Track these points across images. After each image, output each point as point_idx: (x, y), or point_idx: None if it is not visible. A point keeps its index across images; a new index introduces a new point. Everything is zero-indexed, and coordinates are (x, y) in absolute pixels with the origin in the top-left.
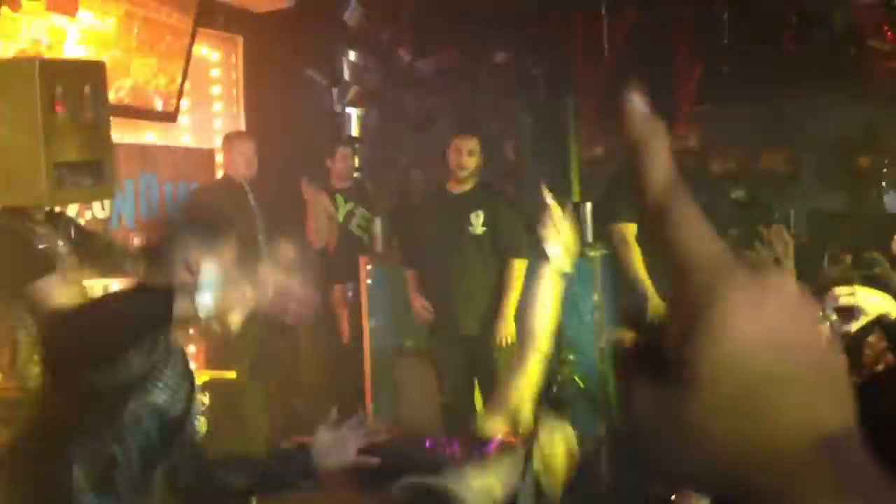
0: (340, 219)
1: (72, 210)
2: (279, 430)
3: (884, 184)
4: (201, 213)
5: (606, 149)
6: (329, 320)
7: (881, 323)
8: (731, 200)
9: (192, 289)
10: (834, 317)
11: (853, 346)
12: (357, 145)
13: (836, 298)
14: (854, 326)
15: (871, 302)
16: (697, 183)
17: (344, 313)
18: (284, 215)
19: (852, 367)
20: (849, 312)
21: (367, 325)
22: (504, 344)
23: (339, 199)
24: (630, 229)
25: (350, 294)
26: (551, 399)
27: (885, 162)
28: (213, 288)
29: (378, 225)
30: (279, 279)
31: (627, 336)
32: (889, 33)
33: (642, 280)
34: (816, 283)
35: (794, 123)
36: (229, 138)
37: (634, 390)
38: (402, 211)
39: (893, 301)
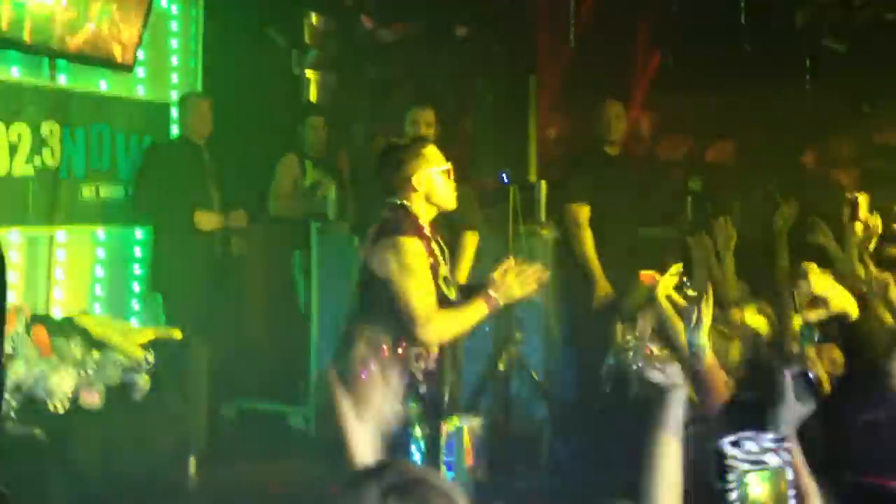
0: (307, 187)
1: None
2: (220, 393)
3: None
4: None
5: (564, 128)
6: (286, 286)
7: (840, 321)
8: (687, 190)
9: None
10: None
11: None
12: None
13: (805, 279)
14: (814, 316)
15: (835, 295)
16: (649, 170)
17: (303, 280)
18: (238, 176)
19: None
20: (814, 301)
21: (315, 291)
22: None
23: (309, 165)
24: (583, 211)
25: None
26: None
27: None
28: None
29: (332, 191)
30: None
31: None
32: (846, 34)
33: (591, 262)
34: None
35: (744, 117)
36: (186, 99)
37: None
38: (357, 178)
39: (851, 300)
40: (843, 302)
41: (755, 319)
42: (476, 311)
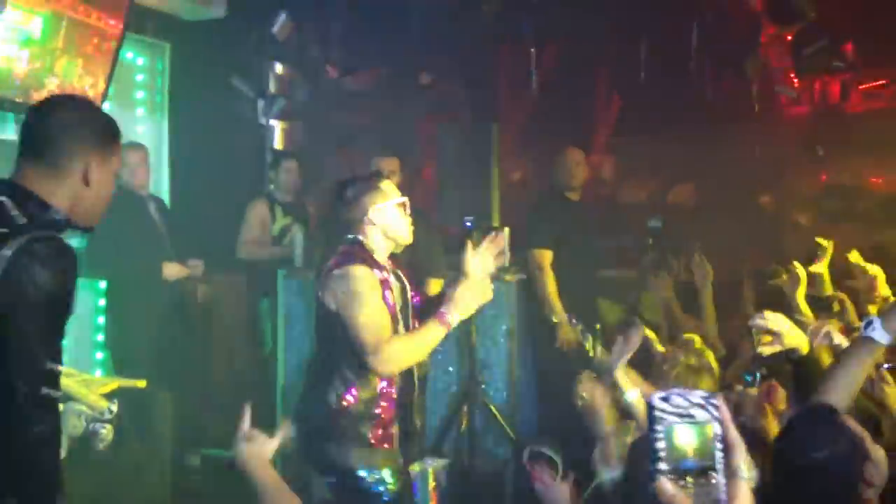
0: (276, 232)
1: None
2: (186, 442)
3: None
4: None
5: (527, 174)
6: (252, 334)
7: (789, 356)
8: (647, 229)
9: None
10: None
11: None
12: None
13: (763, 319)
14: (767, 350)
15: (788, 331)
16: (611, 213)
17: (270, 327)
18: (206, 225)
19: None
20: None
21: (282, 337)
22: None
23: (279, 211)
24: (546, 256)
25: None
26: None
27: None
28: None
29: (299, 237)
30: None
31: None
32: (796, 80)
33: (555, 307)
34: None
35: (703, 160)
36: (124, 149)
37: None
38: (325, 225)
39: (804, 337)
40: (795, 338)
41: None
42: (431, 333)
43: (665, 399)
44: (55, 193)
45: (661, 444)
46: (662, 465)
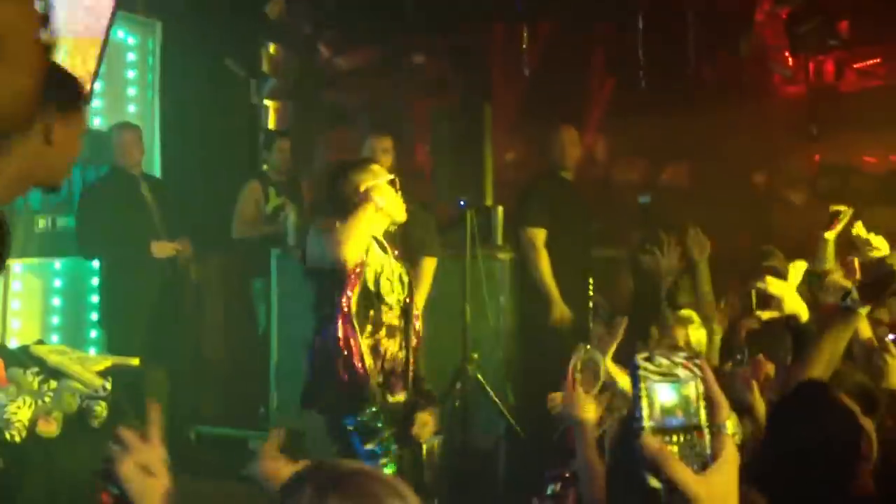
0: (269, 211)
1: None
2: (182, 420)
3: None
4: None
5: (520, 153)
6: (246, 313)
7: (788, 324)
8: (637, 205)
9: None
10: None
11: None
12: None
13: (762, 281)
14: (766, 315)
15: (788, 297)
16: (604, 192)
17: (263, 307)
18: (197, 205)
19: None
20: (767, 300)
21: (275, 316)
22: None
23: (272, 191)
24: (539, 234)
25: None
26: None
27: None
28: None
29: (292, 217)
30: None
31: None
32: (790, 59)
33: (548, 285)
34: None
35: (696, 140)
36: (114, 129)
37: None
38: (317, 206)
39: (804, 306)
40: (794, 304)
41: (697, 333)
42: None
43: (648, 359)
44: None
45: (644, 402)
46: (647, 423)
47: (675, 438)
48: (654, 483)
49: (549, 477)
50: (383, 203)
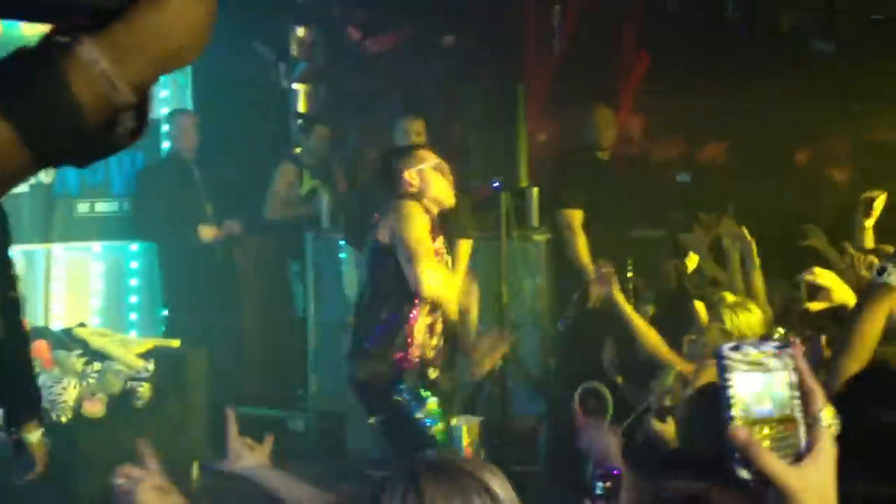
0: (303, 194)
1: None
2: (222, 400)
3: None
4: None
5: (554, 133)
6: (282, 295)
7: (836, 314)
8: (676, 184)
9: None
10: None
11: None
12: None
13: (811, 273)
14: (815, 306)
15: (837, 287)
16: (641, 172)
17: (300, 288)
18: (230, 188)
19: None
20: (815, 291)
21: (311, 298)
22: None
23: (306, 174)
24: (576, 215)
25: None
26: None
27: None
28: None
29: (326, 199)
30: None
31: None
32: (832, 35)
33: (586, 266)
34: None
35: (736, 117)
36: (173, 115)
37: None
38: (352, 189)
39: (853, 295)
40: (843, 294)
41: (750, 318)
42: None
43: (735, 348)
44: None
45: (731, 393)
46: (735, 413)
47: (766, 430)
48: (745, 475)
49: (596, 475)
50: (432, 188)
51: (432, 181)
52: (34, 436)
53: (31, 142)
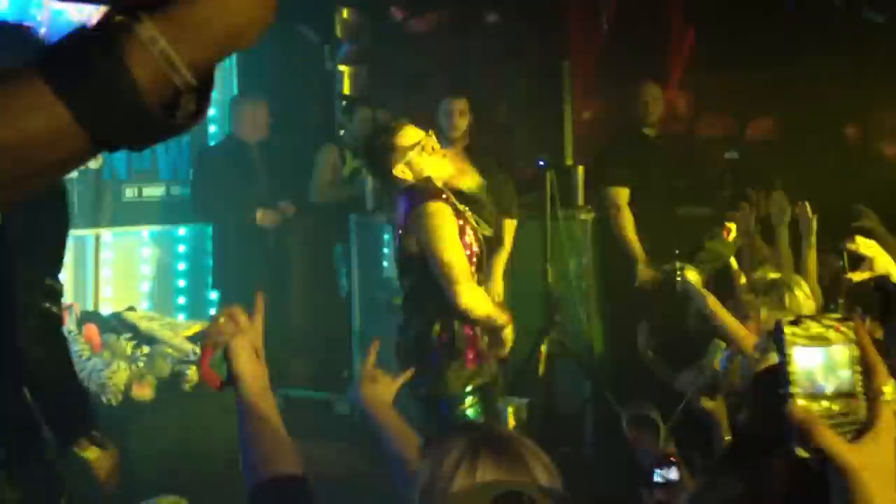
0: (346, 175)
1: None
2: (270, 382)
3: None
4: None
5: (600, 111)
6: (328, 278)
7: (878, 283)
8: (724, 161)
9: None
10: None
11: None
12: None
13: (853, 242)
14: (857, 276)
15: (881, 258)
16: (688, 148)
17: (345, 271)
18: (275, 170)
19: None
20: (859, 260)
21: (356, 281)
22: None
23: (349, 156)
24: (622, 193)
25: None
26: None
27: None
28: None
29: (370, 180)
30: None
31: None
32: (884, 5)
33: (633, 245)
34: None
35: (785, 91)
36: (240, 100)
37: None
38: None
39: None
40: (885, 263)
41: (799, 296)
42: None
43: (795, 323)
44: None
45: (791, 368)
46: (794, 389)
47: (825, 405)
48: (803, 453)
49: (655, 462)
50: (429, 171)
51: (425, 165)
52: (91, 453)
53: (87, 124)
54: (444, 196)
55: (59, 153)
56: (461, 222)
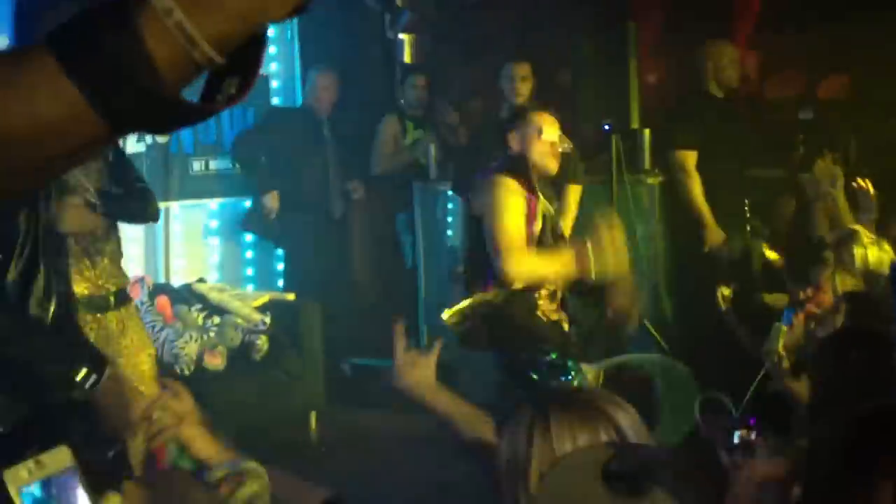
0: (407, 144)
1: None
2: (337, 352)
3: None
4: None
5: (666, 73)
6: (392, 247)
7: None
8: (797, 121)
9: None
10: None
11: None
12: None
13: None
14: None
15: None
16: (758, 109)
17: (409, 240)
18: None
19: None
20: None
21: (421, 249)
22: None
23: (409, 125)
24: (689, 157)
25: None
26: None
27: None
28: None
29: (432, 150)
30: None
31: None
32: None
33: (701, 208)
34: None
35: (856, 50)
36: (315, 72)
37: None
38: (458, 137)
39: None
40: None
41: (878, 253)
42: (562, 263)
43: None
44: None
45: None
46: None
47: None
48: None
49: (732, 423)
50: (533, 153)
51: (534, 147)
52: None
53: (99, 105)
54: (524, 177)
55: (73, 138)
56: (533, 202)
